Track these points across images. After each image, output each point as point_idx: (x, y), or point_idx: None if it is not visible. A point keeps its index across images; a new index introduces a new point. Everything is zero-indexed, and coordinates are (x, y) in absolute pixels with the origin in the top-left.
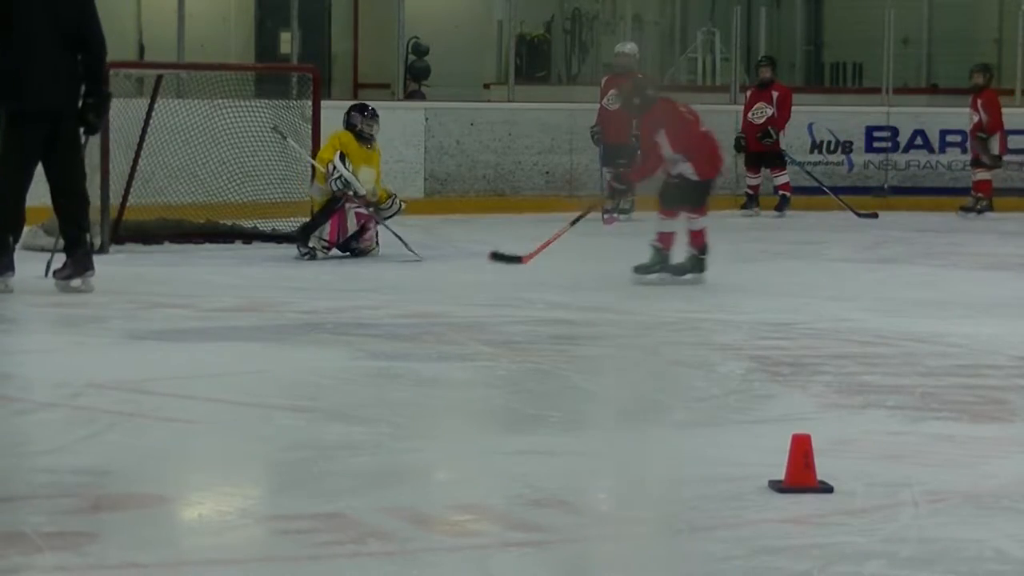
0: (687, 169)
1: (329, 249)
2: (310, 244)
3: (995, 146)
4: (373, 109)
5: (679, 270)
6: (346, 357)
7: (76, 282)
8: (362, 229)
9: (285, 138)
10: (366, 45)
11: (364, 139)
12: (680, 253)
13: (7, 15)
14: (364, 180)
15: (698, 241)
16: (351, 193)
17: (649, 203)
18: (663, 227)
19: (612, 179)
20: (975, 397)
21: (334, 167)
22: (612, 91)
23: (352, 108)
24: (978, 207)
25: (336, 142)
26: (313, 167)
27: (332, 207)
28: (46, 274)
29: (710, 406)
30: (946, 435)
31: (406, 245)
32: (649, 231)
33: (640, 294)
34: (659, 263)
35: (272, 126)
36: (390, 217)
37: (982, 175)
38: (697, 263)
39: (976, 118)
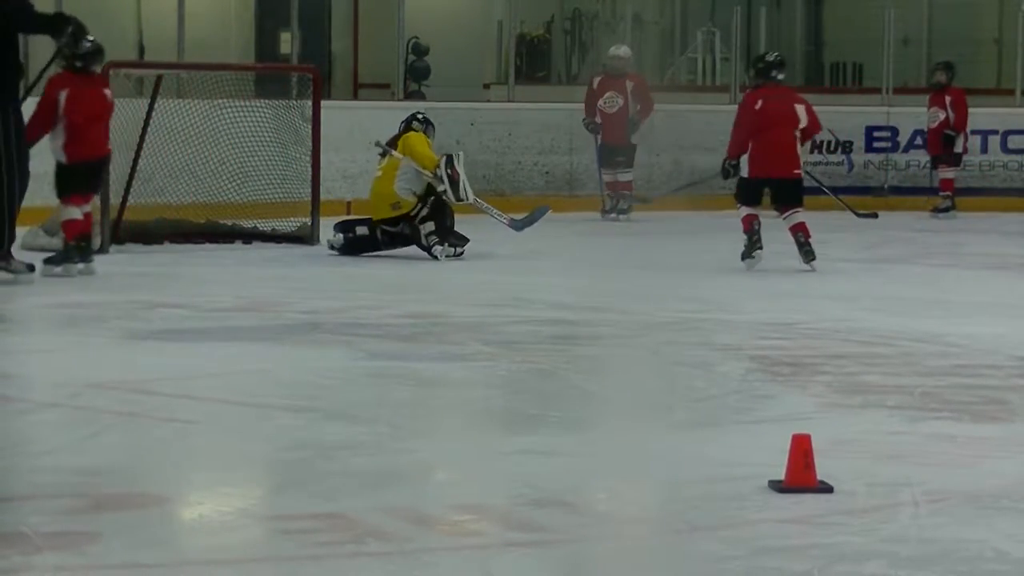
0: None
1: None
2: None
3: (960, 144)
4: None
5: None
6: (346, 357)
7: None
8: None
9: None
10: (366, 45)
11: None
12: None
13: None
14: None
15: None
16: (455, 197)
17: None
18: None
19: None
20: (975, 397)
21: (440, 178)
22: (609, 93)
23: (418, 119)
24: (942, 206)
25: (426, 144)
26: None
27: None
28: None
29: (710, 406)
30: (946, 435)
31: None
32: (647, 231)
33: (640, 294)
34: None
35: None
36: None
37: (946, 173)
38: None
39: (942, 116)
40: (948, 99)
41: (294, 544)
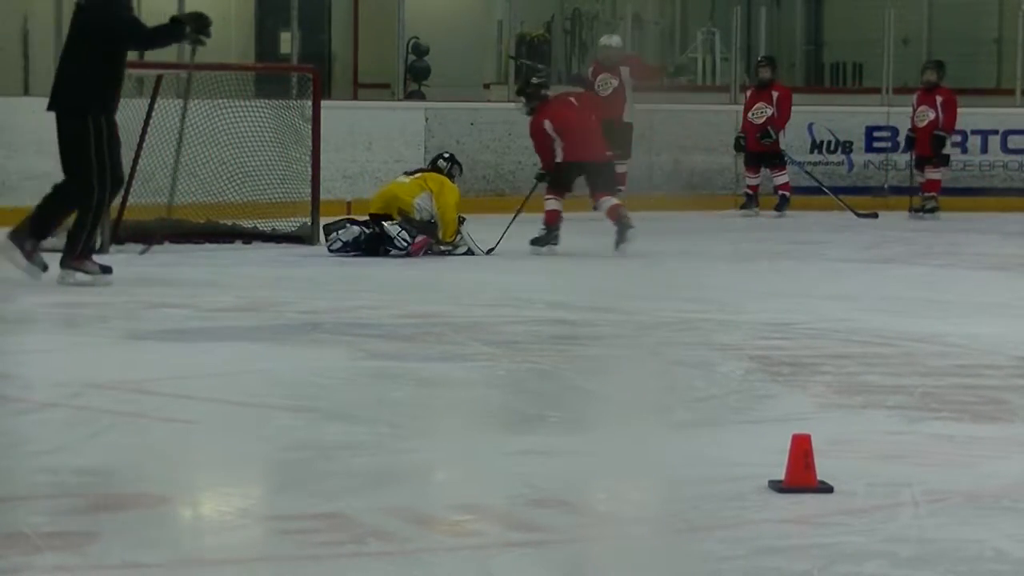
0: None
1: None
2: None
3: (949, 145)
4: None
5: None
6: (346, 357)
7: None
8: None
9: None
10: (366, 45)
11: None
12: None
13: None
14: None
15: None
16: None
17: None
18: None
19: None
20: (975, 397)
21: (461, 236)
22: (603, 75)
23: (451, 161)
24: (927, 206)
25: (455, 196)
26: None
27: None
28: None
29: (710, 406)
30: (946, 435)
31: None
32: (647, 231)
33: (640, 294)
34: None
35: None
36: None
37: (932, 174)
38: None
39: (931, 115)
40: (939, 99)
41: (294, 544)
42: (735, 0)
